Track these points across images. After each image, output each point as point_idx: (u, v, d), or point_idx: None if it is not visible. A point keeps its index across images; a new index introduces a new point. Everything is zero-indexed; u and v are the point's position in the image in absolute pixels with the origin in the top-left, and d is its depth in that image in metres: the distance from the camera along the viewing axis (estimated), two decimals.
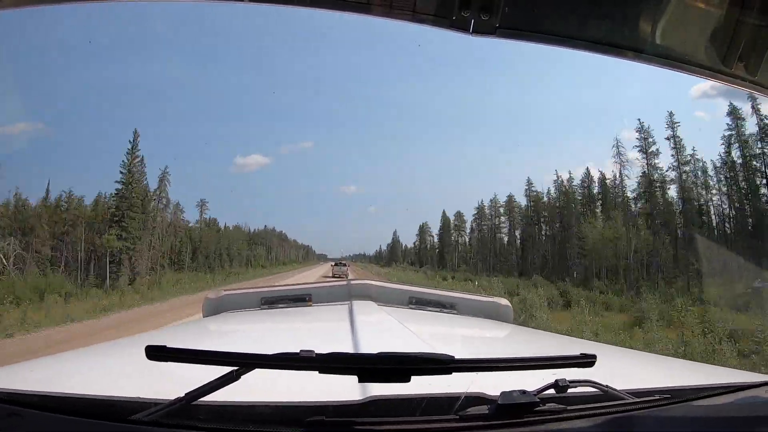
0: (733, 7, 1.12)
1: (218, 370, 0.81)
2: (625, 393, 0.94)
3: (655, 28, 1.17)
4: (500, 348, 1.91)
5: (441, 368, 0.85)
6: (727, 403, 1.00)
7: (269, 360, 0.83)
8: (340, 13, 1.21)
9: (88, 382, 1.10)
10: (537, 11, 1.15)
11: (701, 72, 1.22)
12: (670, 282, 21.54)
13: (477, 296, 2.51)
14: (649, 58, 1.21)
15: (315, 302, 2.30)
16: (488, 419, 0.82)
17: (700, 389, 1.05)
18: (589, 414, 0.86)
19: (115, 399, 0.83)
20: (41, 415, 0.79)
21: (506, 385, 0.87)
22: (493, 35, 1.15)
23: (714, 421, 0.97)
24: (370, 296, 2.28)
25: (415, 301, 2.34)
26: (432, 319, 2.16)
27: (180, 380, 0.82)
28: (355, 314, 1.77)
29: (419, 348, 1.26)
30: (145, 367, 0.86)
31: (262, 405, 0.84)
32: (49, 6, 1.31)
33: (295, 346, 0.82)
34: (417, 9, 1.14)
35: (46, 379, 1.09)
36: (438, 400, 0.85)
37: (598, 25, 1.18)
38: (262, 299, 2.30)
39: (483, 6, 1.10)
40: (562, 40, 1.18)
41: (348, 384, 0.85)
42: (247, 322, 2.08)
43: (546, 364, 0.97)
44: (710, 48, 1.17)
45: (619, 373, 1.26)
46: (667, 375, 1.40)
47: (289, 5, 1.19)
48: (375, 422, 0.82)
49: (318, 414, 0.81)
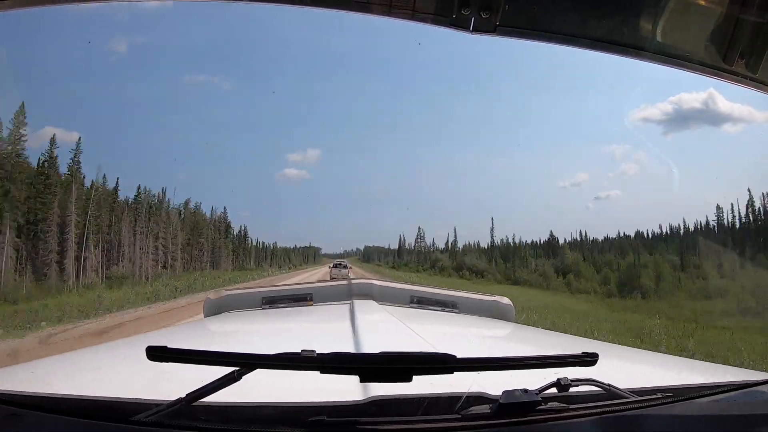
0: (733, 4, 1.12)
1: (219, 371, 0.80)
2: (627, 392, 0.94)
3: (656, 26, 1.16)
4: (502, 347, 1.91)
5: (443, 368, 0.85)
6: (730, 402, 1.00)
7: (270, 360, 0.83)
8: (340, 12, 1.21)
9: (89, 382, 1.09)
10: (537, 9, 1.14)
11: (702, 69, 1.21)
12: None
13: (478, 295, 2.50)
14: (650, 55, 1.20)
15: (316, 302, 2.29)
16: (490, 418, 0.82)
17: (702, 387, 1.05)
18: (592, 413, 0.86)
19: (116, 400, 0.83)
20: (41, 416, 0.79)
21: (508, 384, 0.86)
22: (494, 33, 1.15)
23: (716, 419, 0.97)
24: (371, 295, 2.27)
25: (417, 300, 2.34)
26: (433, 319, 2.16)
27: (181, 381, 0.82)
28: (356, 314, 1.77)
29: (421, 347, 1.26)
30: (146, 368, 0.86)
31: (264, 405, 0.84)
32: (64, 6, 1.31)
33: (296, 346, 0.82)
34: (417, 8, 1.14)
35: (46, 379, 1.09)
36: (440, 400, 0.85)
37: (599, 23, 1.17)
38: (263, 299, 2.30)
39: (483, 4, 1.10)
40: (563, 38, 1.18)
41: (349, 384, 0.84)
42: (248, 322, 2.08)
43: (548, 362, 0.97)
44: (711, 45, 1.17)
45: (621, 372, 1.25)
46: (668, 374, 1.40)
47: (289, 5, 1.19)
48: (377, 422, 0.82)
49: (319, 414, 0.80)
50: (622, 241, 27.80)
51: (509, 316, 2.31)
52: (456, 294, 2.43)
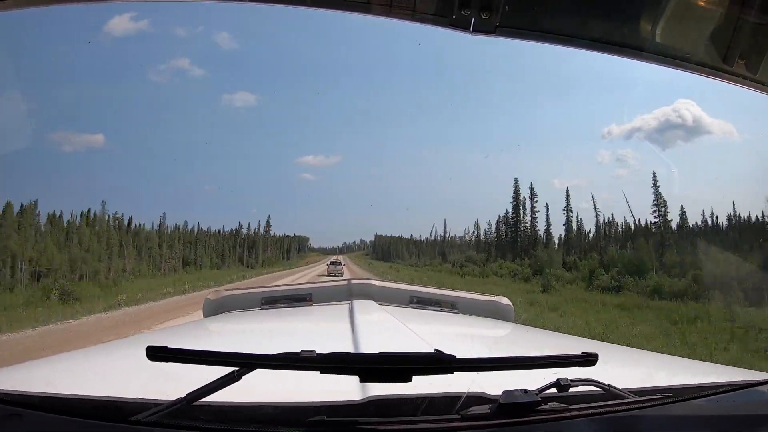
0: (734, 5, 1.12)
1: (219, 371, 0.81)
2: (627, 392, 0.94)
3: (656, 27, 1.17)
4: (501, 347, 1.91)
5: (442, 368, 0.85)
6: (729, 402, 1.00)
7: (270, 360, 0.83)
8: (340, 12, 1.21)
9: (89, 382, 1.10)
10: (537, 10, 1.15)
11: (702, 70, 1.21)
12: None
13: (478, 295, 2.50)
14: (650, 56, 1.21)
15: (315, 302, 2.29)
16: (490, 418, 0.82)
17: (702, 388, 1.05)
18: (591, 413, 0.86)
19: (116, 399, 0.83)
20: (42, 416, 0.79)
21: (508, 385, 0.87)
22: (494, 34, 1.15)
23: (716, 419, 0.97)
24: (370, 296, 2.27)
25: (416, 301, 2.34)
26: (433, 319, 2.16)
27: (181, 381, 0.82)
28: (355, 314, 1.77)
29: (420, 347, 1.26)
30: (146, 368, 0.86)
31: (263, 405, 0.84)
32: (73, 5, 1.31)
33: (295, 346, 0.82)
34: (417, 8, 1.14)
35: (46, 379, 1.09)
36: (439, 400, 0.85)
37: (599, 24, 1.18)
38: (262, 299, 2.30)
39: (483, 5, 1.10)
40: (563, 39, 1.18)
41: (349, 384, 0.85)
42: (247, 322, 2.08)
43: (547, 363, 0.97)
44: (711, 46, 1.17)
45: (621, 372, 1.26)
46: (668, 374, 1.40)
47: (289, 5, 1.19)
48: (376, 422, 0.82)
49: (319, 414, 0.80)
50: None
51: (509, 317, 2.31)
52: (455, 294, 2.43)
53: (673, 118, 25.72)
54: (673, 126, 25.25)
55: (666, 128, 25.79)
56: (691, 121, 25.62)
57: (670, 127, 25.69)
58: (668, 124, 25.76)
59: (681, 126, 25.06)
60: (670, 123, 25.57)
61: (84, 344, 5.72)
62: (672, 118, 25.50)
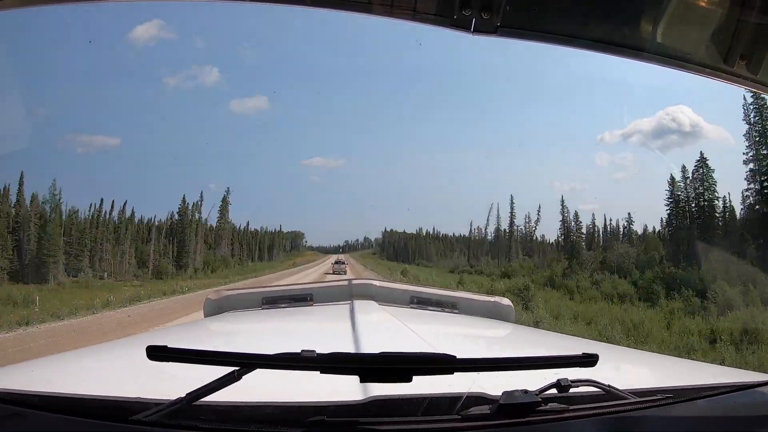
0: (734, 5, 1.12)
1: (219, 371, 0.81)
2: (627, 393, 0.94)
3: (657, 27, 1.16)
4: (502, 348, 1.91)
5: (443, 368, 0.85)
6: (729, 403, 1.00)
7: (270, 360, 0.83)
8: (340, 12, 1.21)
9: (89, 382, 1.10)
10: (538, 10, 1.14)
11: (703, 70, 1.21)
12: None
13: (479, 296, 2.51)
14: (651, 56, 1.21)
15: (316, 302, 2.29)
16: (490, 419, 0.82)
17: (702, 389, 1.05)
18: (591, 414, 0.86)
19: (116, 399, 0.83)
20: (42, 415, 0.79)
21: (508, 385, 0.87)
22: (494, 34, 1.15)
23: (716, 420, 0.97)
24: (371, 296, 2.27)
25: (417, 301, 2.34)
26: (433, 319, 2.16)
27: (181, 380, 0.82)
28: (356, 314, 1.77)
29: (421, 348, 1.26)
30: (146, 367, 0.86)
31: (264, 405, 0.84)
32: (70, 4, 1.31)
33: (296, 346, 0.82)
34: (418, 8, 1.14)
35: (47, 379, 1.09)
36: (440, 400, 0.85)
37: (600, 24, 1.17)
38: (263, 299, 2.30)
39: (484, 5, 1.10)
40: (564, 39, 1.18)
41: (349, 384, 0.85)
42: (248, 322, 2.08)
43: (548, 363, 0.97)
44: (712, 46, 1.17)
45: (621, 373, 1.25)
46: (668, 374, 1.40)
47: (289, 5, 1.19)
48: (376, 422, 0.82)
49: (319, 414, 0.81)
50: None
51: (509, 317, 2.31)
52: (456, 294, 2.43)
53: (673, 119, 25.70)
54: (670, 130, 25.20)
55: (667, 129, 25.75)
56: (689, 125, 25.54)
57: (671, 128, 25.66)
58: (670, 124, 25.74)
59: (677, 130, 24.99)
60: (671, 123, 25.54)
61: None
62: (671, 119, 25.48)
